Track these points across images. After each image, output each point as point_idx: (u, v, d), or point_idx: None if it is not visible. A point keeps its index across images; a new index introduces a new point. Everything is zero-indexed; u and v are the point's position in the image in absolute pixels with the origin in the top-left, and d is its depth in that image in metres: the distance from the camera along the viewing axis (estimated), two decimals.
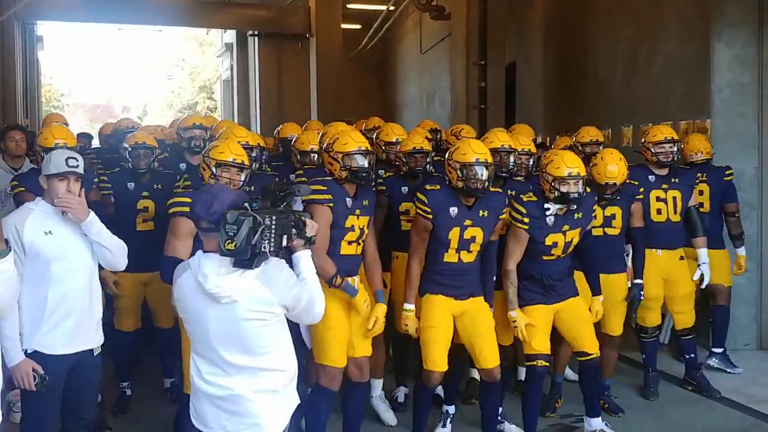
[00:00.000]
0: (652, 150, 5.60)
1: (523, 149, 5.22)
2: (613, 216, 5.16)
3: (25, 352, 3.52)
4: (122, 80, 52.99)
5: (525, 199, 4.59)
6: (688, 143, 6.14)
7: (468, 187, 4.38)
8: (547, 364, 4.77)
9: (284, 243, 2.87)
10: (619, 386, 5.70)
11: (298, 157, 5.60)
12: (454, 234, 4.45)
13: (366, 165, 4.36)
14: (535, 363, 4.69)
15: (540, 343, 4.67)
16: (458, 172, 4.39)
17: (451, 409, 5.01)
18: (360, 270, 4.59)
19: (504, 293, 4.65)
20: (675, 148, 5.59)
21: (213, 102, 34.95)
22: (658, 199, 5.60)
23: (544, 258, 4.63)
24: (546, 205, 4.54)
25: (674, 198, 5.62)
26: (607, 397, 5.41)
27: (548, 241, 4.57)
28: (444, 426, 4.98)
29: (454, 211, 4.46)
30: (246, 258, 2.77)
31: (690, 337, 5.84)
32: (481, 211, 4.48)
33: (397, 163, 5.38)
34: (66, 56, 42.48)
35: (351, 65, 18.36)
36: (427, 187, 4.57)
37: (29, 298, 3.53)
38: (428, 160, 5.29)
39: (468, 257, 4.53)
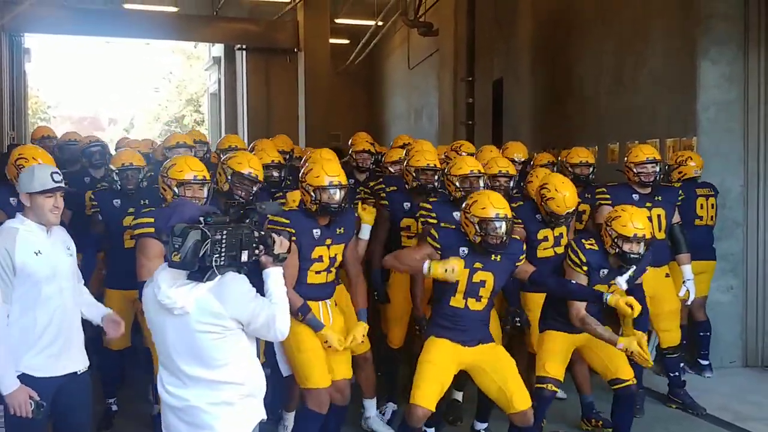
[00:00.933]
0: (634, 170, 5.63)
1: (501, 171, 5.22)
2: (561, 235, 5.17)
3: None
4: (109, 93, 52.83)
5: (587, 246, 4.49)
6: (692, 159, 6.29)
7: (486, 242, 4.21)
8: (557, 390, 4.65)
9: (244, 258, 2.88)
10: (604, 403, 5.66)
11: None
12: (462, 276, 4.22)
13: (338, 199, 4.26)
14: (544, 386, 4.58)
15: (554, 368, 4.59)
16: (476, 226, 4.21)
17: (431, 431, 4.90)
18: (339, 291, 4.60)
19: (597, 336, 4.43)
20: (657, 168, 5.62)
21: (200, 115, 34.85)
22: None
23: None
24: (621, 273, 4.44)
25: (658, 216, 5.65)
26: (596, 414, 5.35)
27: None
28: None
29: (464, 252, 4.27)
30: (195, 270, 2.80)
31: (676, 355, 5.84)
32: (493, 256, 4.29)
33: (406, 177, 5.38)
34: (53, 69, 42.30)
35: (339, 80, 18.37)
36: (443, 224, 4.49)
37: (18, 320, 3.45)
38: (437, 177, 5.30)
39: (476, 305, 4.32)
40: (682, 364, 6.03)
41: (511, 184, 5.41)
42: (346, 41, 18.44)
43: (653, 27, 7.55)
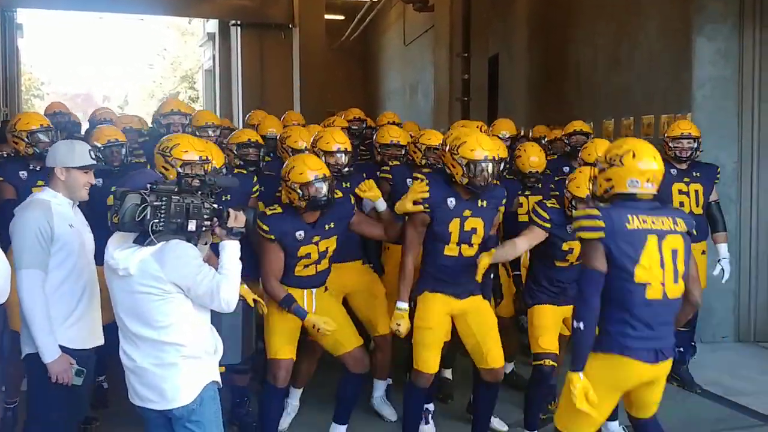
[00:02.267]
0: (670, 144, 5.63)
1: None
2: None
3: None
4: (103, 69, 52.55)
5: (549, 205, 4.52)
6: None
7: (472, 184, 4.22)
8: (555, 364, 4.63)
9: (191, 228, 3.05)
10: None
11: (290, 155, 5.42)
12: (454, 226, 4.29)
13: (326, 191, 4.27)
14: (542, 362, 4.58)
15: (547, 342, 4.59)
16: (463, 168, 4.20)
17: (431, 406, 4.95)
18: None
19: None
20: (694, 144, 5.61)
21: (195, 92, 34.73)
22: (680, 192, 5.63)
23: (558, 264, 4.56)
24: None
25: (696, 191, 5.65)
26: None
27: (565, 247, 4.50)
28: (427, 423, 4.91)
29: (451, 202, 4.29)
30: (138, 234, 3.02)
31: (687, 329, 5.88)
32: (480, 202, 4.34)
33: (414, 155, 5.43)
34: (46, 45, 42.07)
35: (334, 56, 18.31)
36: (418, 187, 4.37)
37: (56, 291, 3.50)
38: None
39: (469, 251, 4.36)
40: (693, 343, 6.07)
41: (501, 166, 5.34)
42: (341, 17, 18.37)
43: (649, 4, 7.52)
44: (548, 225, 4.44)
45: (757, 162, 6.86)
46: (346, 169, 4.91)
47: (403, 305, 4.34)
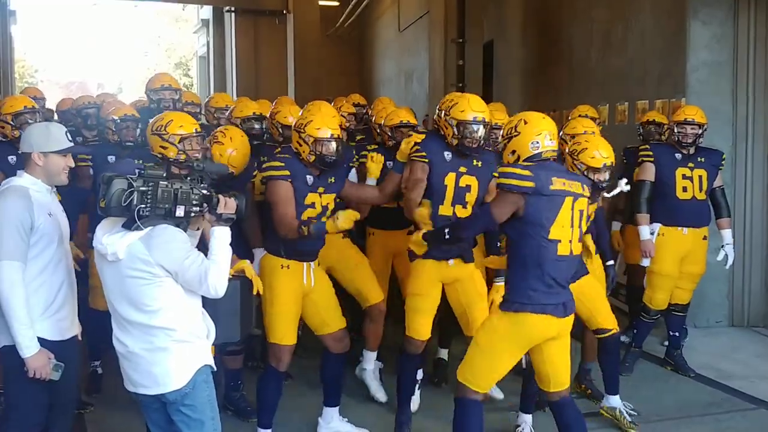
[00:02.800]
0: (675, 129, 5.62)
1: (497, 123, 5.19)
2: None
3: None
4: (97, 57, 52.31)
5: None
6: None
7: (463, 145, 4.34)
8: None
9: (179, 213, 3.06)
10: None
11: (280, 131, 5.34)
12: (449, 180, 4.37)
13: (334, 150, 4.30)
14: None
15: None
16: (454, 129, 4.33)
17: (419, 374, 4.94)
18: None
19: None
20: (698, 131, 5.58)
21: (189, 79, 34.59)
22: (684, 176, 5.61)
23: None
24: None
25: (700, 177, 5.63)
26: (590, 383, 5.31)
27: None
28: (412, 393, 4.90)
29: (448, 155, 4.39)
30: (126, 219, 3.04)
31: (682, 314, 5.89)
32: (475, 161, 4.43)
33: (383, 136, 5.42)
34: (39, 32, 41.84)
35: (329, 43, 18.24)
36: (416, 136, 4.54)
37: (32, 282, 3.39)
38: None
39: (462, 212, 4.41)
40: (685, 326, 6.10)
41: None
42: (336, 3, 18.28)
43: None
44: None
45: (752, 146, 6.86)
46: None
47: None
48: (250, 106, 5.62)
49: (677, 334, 5.92)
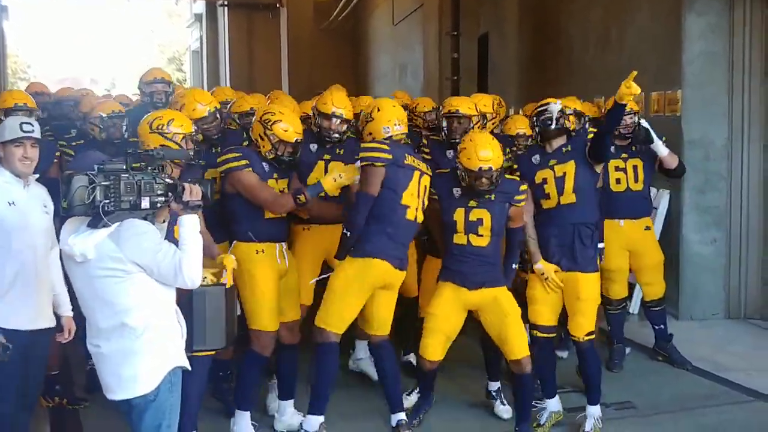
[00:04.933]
0: None
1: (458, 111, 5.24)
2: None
3: None
4: (90, 52, 52.11)
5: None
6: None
7: (473, 188, 4.40)
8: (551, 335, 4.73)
9: (144, 205, 2.97)
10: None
11: (237, 122, 5.47)
12: (459, 216, 4.45)
13: (292, 154, 4.46)
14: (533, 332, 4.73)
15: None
16: (464, 174, 4.40)
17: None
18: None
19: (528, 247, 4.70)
20: (635, 119, 5.56)
21: (182, 74, 34.47)
22: (617, 168, 5.63)
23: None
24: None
25: (635, 167, 5.64)
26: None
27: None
28: (409, 395, 4.98)
29: (457, 192, 4.49)
30: (91, 217, 2.94)
31: (660, 308, 5.87)
32: (486, 195, 4.44)
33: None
34: (32, 28, 41.62)
35: (323, 36, 18.17)
36: (438, 171, 4.74)
37: None
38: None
39: (478, 241, 4.46)
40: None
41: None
42: None
43: None
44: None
45: (748, 138, 6.84)
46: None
47: None
48: (249, 101, 5.61)
49: (662, 326, 5.90)
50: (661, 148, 5.58)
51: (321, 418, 4.43)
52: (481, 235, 4.45)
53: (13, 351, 3.49)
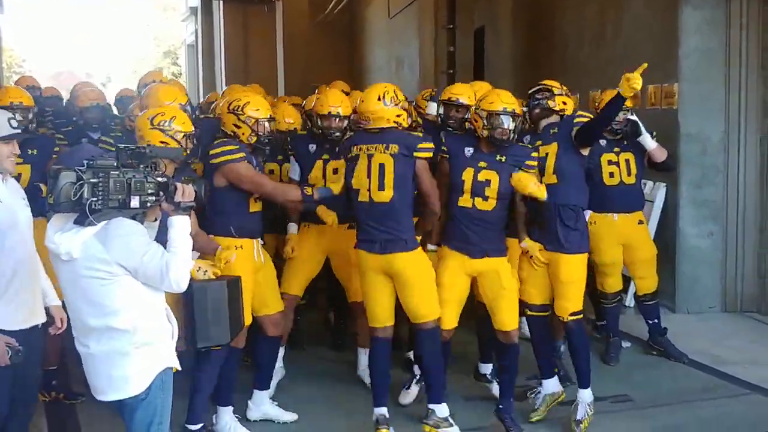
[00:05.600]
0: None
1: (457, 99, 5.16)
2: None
3: None
4: (85, 46, 51.96)
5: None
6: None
7: (493, 136, 4.42)
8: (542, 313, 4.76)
9: (134, 204, 2.86)
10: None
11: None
12: (467, 175, 4.46)
13: (273, 133, 4.52)
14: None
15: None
16: (484, 120, 4.43)
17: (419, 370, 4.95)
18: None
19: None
20: (628, 114, 5.53)
21: (178, 68, 34.43)
22: (609, 162, 5.62)
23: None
24: None
25: (627, 160, 5.64)
26: (558, 362, 5.21)
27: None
28: (408, 388, 4.98)
29: (469, 151, 4.51)
30: (78, 214, 2.82)
31: (653, 302, 5.88)
32: (498, 156, 4.47)
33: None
34: (27, 22, 41.45)
35: (318, 30, 18.14)
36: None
37: None
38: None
39: (484, 205, 4.46)
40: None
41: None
42: None
43: None
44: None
45: (744, 132, 6.84)
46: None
47: (432, 247, 4.66)
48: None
49: (656, 320, 5.90)
50: (648, 141, 5.58)
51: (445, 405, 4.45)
52: (487, 198, 4.44)
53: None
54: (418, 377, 4.96)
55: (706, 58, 6.76)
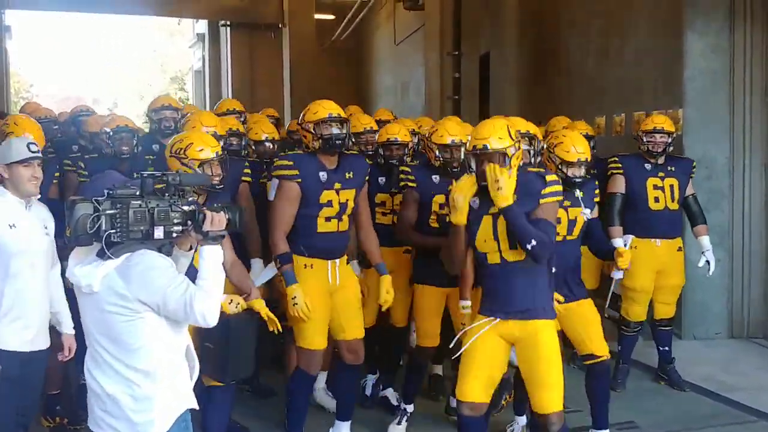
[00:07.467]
0: (644, 139, 5.57)
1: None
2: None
3: None
4: (92, 71, 52.36)
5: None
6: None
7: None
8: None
9: (158, 234, 2.69)
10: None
11: (253, 147, 5.58)
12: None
13: (340, 133, 4.24)
14: None
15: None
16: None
17: (410, 408, 4.88)
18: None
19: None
20: (668, 139, 5.53)
21: (185, 93, 34.60)
22: (655, 187, 5.57)
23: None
24: None
25: (671, 186, 5.58)
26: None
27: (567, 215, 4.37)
28: (399, 423, 4.84)
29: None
30: (95, 246, 2.68)
31: (668, 328, 5.83)
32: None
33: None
34: (34, 47, 41.86)
35: (325, 56, 18.25)
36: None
37: None
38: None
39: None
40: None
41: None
42: (332, 16, 18.31)
43: None
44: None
45: (749, 157, 6.84)
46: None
47: (466, 302, 4.00)
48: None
49: (667, 348, 5.84)
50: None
51: None
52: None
53: (9, 372, 3.47)
54: (408, 415, 4.85)
55: (711, 83, 6.77)
